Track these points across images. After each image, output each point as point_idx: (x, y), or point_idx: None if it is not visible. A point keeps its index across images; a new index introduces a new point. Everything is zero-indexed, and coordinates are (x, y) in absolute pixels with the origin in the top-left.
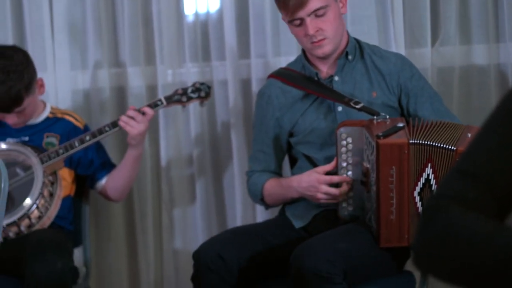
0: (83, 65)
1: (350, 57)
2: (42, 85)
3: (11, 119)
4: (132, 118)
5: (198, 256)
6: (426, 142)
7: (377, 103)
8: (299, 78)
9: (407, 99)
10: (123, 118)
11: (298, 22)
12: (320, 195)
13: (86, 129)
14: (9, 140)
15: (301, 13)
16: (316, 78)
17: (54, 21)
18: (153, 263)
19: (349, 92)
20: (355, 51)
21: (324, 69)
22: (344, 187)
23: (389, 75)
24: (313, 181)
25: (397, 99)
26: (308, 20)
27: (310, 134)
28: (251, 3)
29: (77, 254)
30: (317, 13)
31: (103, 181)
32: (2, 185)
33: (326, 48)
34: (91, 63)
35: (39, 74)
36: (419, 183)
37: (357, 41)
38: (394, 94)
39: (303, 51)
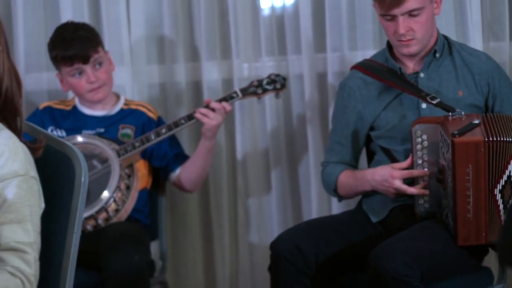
0: (159, 59)
1: (437, 55)
2: (110, 60)
3: (91, 74)
4: (212, 110)
5: (276, 246)
6: (503, 139)
7: (463, 102)
8: (382, 70)
9: (493, 100)
10: (201, 110)
11: (390, 17)
12: (392, 190)
13: (159, 120)
14: (85, 132)
15: (396, 11)
16: (399, 73)
17: (131, 15)
18: (229, 256)
19: (435, 89)
20: (443, 48)
21: (410, 65)
22: (418, 189)
23: (479, 74)
24: (387, 176)
25: (484, 99)
26: (401, 19)
27: (393, 129)
28: None
29: (153, 247)
30: (411, 13)
31: (176, 172)
32: (83, 179)
33: (413, 48)
34: (168, 57)
35: (115, 68)
36: (501, 180)
37: (446, 38)
38: (482, 93)
39: (388, 45)
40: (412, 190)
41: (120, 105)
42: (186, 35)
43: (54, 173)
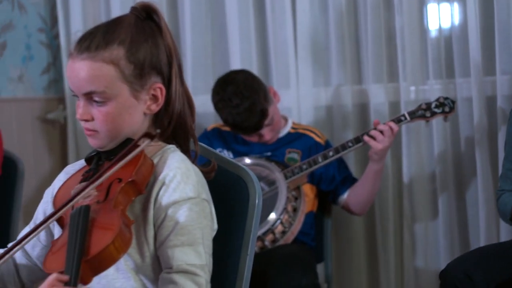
0: (325, 82)
1: None
2: (275, 93)
3: (267, 133)
4: (380, 132)
5: (445, 275)
6: None
7: None
8: None
9: None
10: (370, 132)
11: None
12: None
13: (327, 145)
14: (252, 154)
15: None
16: None
17: (298, 38)
18: (394, 281)
19: None
20: None
21: None
22: None
23: None
24: None
25: None
26: None
27: None
28: (496, 17)
29: (318, 270)
30: None
31: (345, 196)
32: (257, 201)
33: None
34: (334, 80)
35: (282, 91)
36: None
37: None
38: None
39: None
40: None
41: (287, 128)
42: (352, 57)
43: (228, 195)
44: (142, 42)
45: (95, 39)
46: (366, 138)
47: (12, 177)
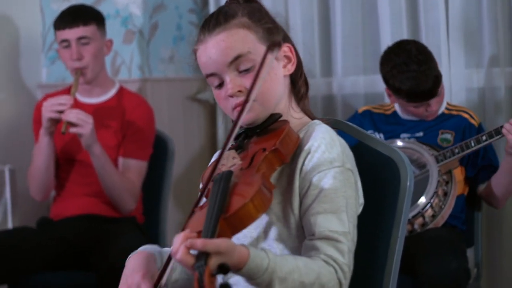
0: (478, 64)
1: None
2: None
3: (434, 105)
4: None
5: None
6: None
7: None
8: None
9: None
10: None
11: None
12: None
13: (480, 128)
14: (403, 135)
15: None
16: None
17: (450, 19)
18: None
19: None
20: None
21: None
22: None
23: None
24: None
25: None
26: None
27: None
28: None
29: (468, 254)
30: None
31: (484, 185)
32: (408, 183)
33: None
34: (486, 61)
35: None
36: None
37: None
38: None
39: None
40: None
41: (442, 109)
42: (506, 38)
43: (379, 177)
44: (257, 11)
45: (219, 16)
46: (504, 130)
47: (163, 156)
